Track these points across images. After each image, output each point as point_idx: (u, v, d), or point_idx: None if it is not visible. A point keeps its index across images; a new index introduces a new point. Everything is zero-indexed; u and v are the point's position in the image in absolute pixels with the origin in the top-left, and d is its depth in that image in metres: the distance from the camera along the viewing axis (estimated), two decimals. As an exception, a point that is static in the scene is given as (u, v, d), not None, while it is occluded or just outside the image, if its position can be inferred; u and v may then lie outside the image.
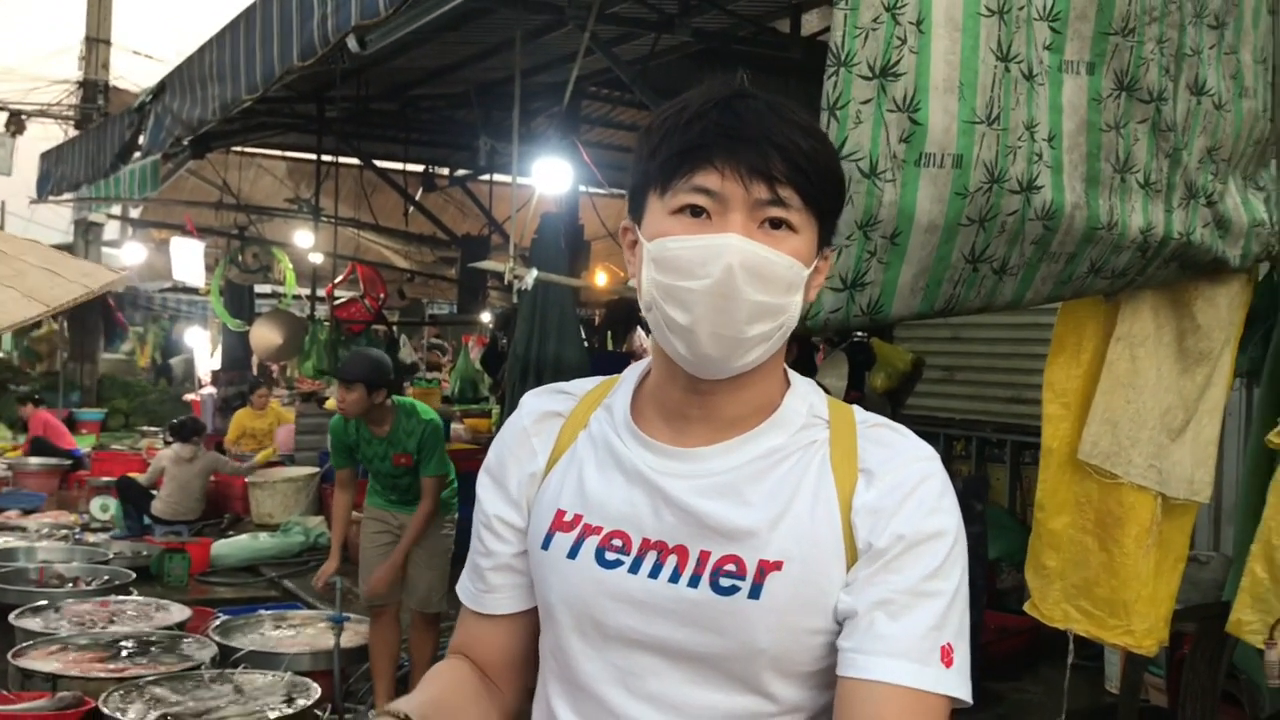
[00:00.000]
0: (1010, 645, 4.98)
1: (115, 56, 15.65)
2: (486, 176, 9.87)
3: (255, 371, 11.90)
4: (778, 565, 1.13)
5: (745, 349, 1.15)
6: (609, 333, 11.02)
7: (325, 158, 9.39)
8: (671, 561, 1.16)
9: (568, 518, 1.23)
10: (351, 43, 3.86)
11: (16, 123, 15.53)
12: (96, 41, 15.29)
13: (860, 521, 1.15)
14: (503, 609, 1.30)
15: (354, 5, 3.50)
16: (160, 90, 6.06)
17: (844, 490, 1.16)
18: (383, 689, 4.78)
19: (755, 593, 1.13)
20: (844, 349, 6.98)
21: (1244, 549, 2.90)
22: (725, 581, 1.14)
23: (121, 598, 5.43)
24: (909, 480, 1.16)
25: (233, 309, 10.45)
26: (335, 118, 8.70)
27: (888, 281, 2.09)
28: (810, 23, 6.97)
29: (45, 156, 8.88)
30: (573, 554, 1.20)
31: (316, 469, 8.54)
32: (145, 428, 11.82)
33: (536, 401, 1.33)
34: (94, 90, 15.18)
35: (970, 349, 7.12)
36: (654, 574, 1.17)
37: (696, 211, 1.14)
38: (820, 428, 1.21)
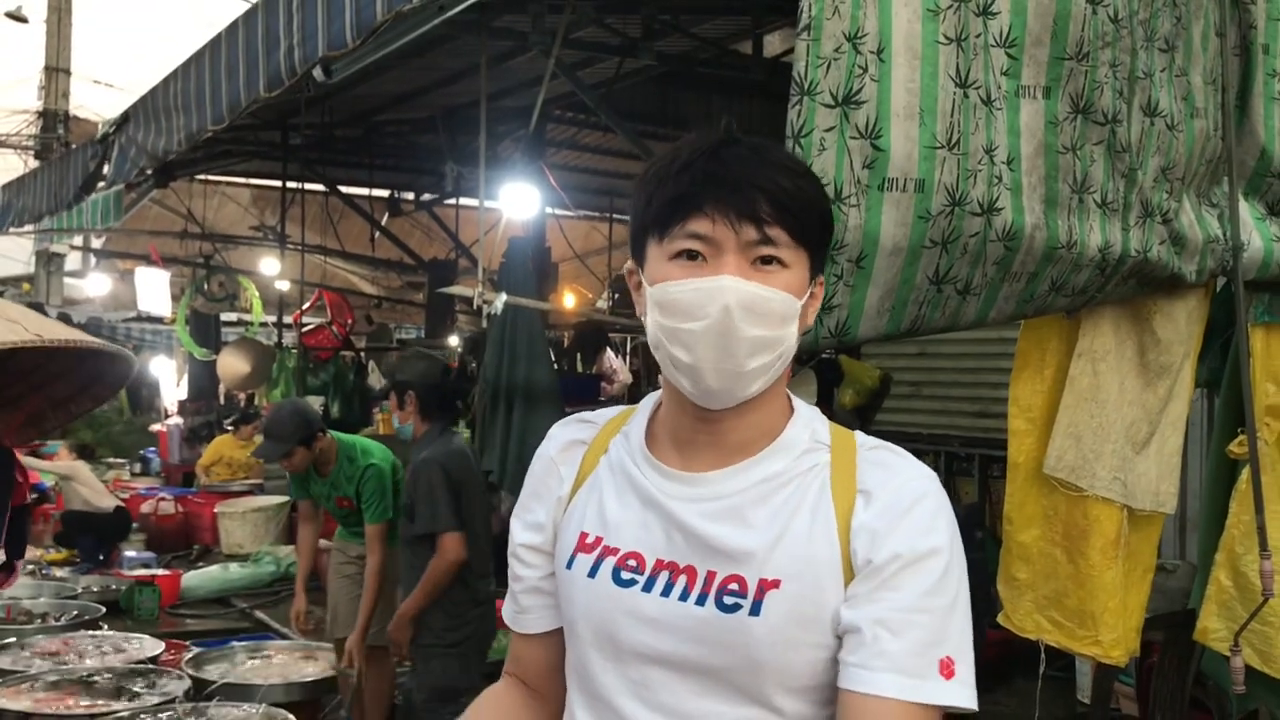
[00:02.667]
0: (983, 657, 5.03)
1: (75, 85, 15.56)
2: (453, 201, 9.89)
3: (223, 400, 11.82)
4: (776, 584, 1.20)
5: (747, 381, 1.22)
6: (578, 354, 11.04)
7: (290, 184, 9.38)
8: (682, 581, 1.24)
9: (589, 539, 1.31)
10: (318, 72, 3.89)
11: (-27, 153, 15.40)
12: (56, 71, 15.22)
13: (858, 540, 1.21)
14: (536, 628, 1.41)
15: (321, 36, 3.52)
16: (124, 120, 6.03)
17: (843, 511, 1.23)
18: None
19: (755, 610, 1.20)
20: (812, 366, 7.04)
21: (1208, 557, 2.96)
22: (729, 600, 1.21)
23: (92, 632, 5.37)
24: (905, 499, 1.22)
25: (199, 338, 10.38)
26: (300, 144, 8.71)
27: (854, 304, 2.12)
28: (772, 44, 7.07)
29: (6, 188, 8.81)
30: (592, 573, 1.29)
31: (287, 498, 8.50)
32: (111, 459, 11.71)
33: (563, 432, 1.43)
34: (54, 120, 15.09)
35: (937, 364, 7.20)
36: (666, 593, 1.24)
37: (692, 255, 1.22)
38: (822, 452, 1.28)
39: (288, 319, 10.26)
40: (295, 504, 5.51)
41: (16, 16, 15.86)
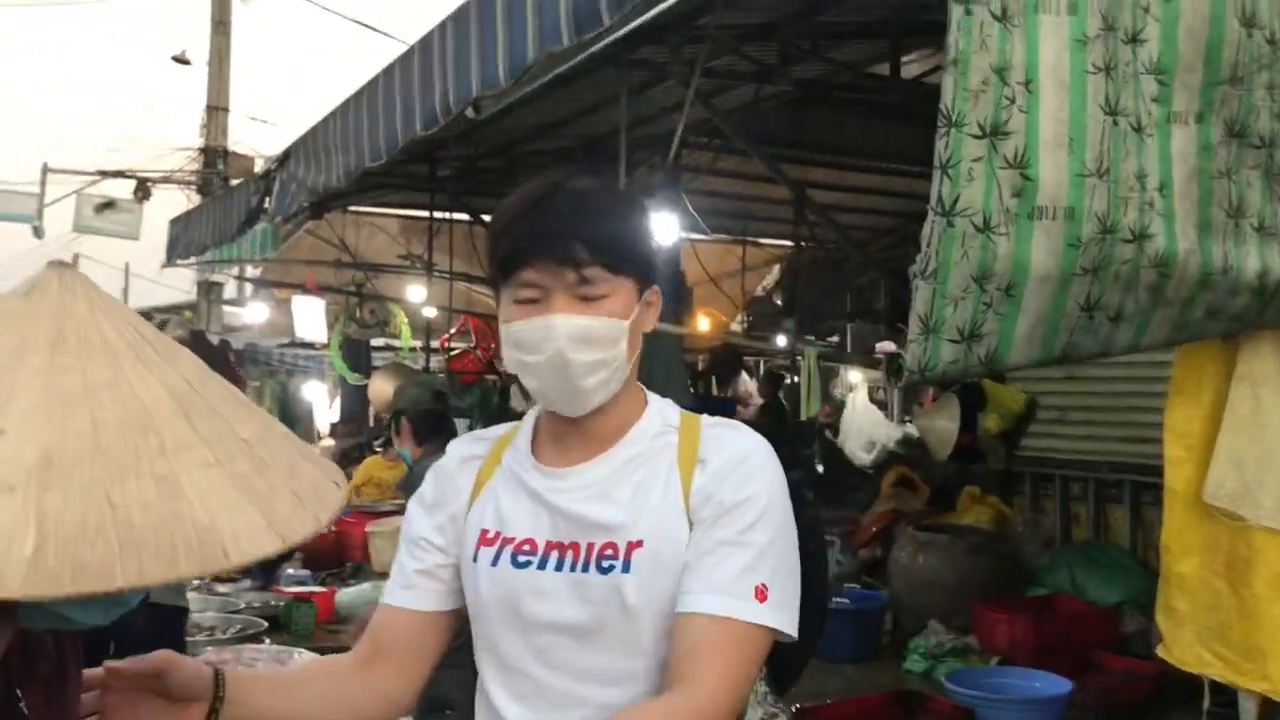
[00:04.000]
0: (1138, 691, 4.88)
1: (233, 122, 16.38)
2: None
3: (372, 423, 12.25)
4: (640, 543, 1.44)
5: (588, 395, 1.48)
6: (714, 377, 11.09)
7: (437, 214, 9.70)
8: (569, 555, 1.47)
9: (490, 535, 1.53)
10: (469, 110, 4.06)
11: (144, 189, 16.32)
12: (216, 110, 16.04)
13: (696, 499, 1.46)
14: (417, 605, 1.59)
15: (475, 78, 3.68)
16: (286, 158, 6.36)
17: (685, 477, 1.48)
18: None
19: (626, 568, 1.44)
20: (955, 391, 6.95)
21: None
22: (606, 563, 1.45)
23: (256, 646, 5.65)
24: (731, 461, 1.47)
25: (351, 363, 10.79)
26: (446, 176, 9.00)
27: (1004, 332, 2.13)
28: (910, 67, 7.02)
29: (174, 222, 9.34)
30: (495, 562, 1.51)
31: (433, 517, 8.75)
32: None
33: (458, 449, 1.67)
34: (214, 156, 15.90)
35: (1085, 388, 7.00)
36: (558, 567, 1.47)
37: (531, 300, 1.46)
38: (671, 434, 1.53)
39: (434, 344, 10.59)
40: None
41: (181, 60, 16.80)
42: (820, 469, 9.68)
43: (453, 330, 11.26)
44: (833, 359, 9.96)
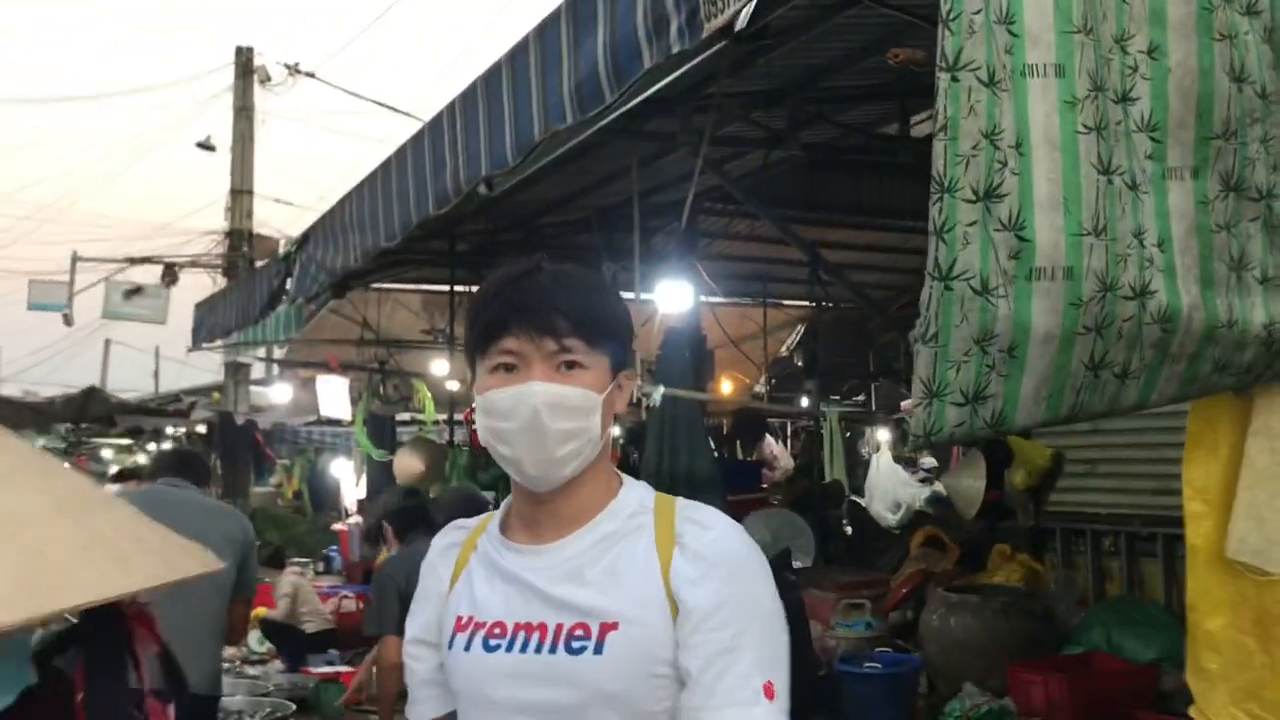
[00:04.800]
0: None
1: (257, 205, 16.65)
2: (610, 296, 10.12)
3: (398, 499, 12.26)
4: (614, 625, 1.44)
5: (561, 465, 1.48)
6: (738, 441, 11.06)
7: (457, 288, 9.80)
8: (535, 636, 1.48)
9: (464, 620, 1.55)
10: (481, 188, 4.12)
11: (171, 274, 16.58)
12: (240, 193, 16.34)
13: (676, 582, 1.45)
14: (427, 715, 1.62)
15: (484, 157, 3.74)
16: (304, 240, 6.46)
17: (664, 559, 1.47)
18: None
19: (599, 649, 1.43)
20: (981, 448, 6.89)
21: None
22: (576, 644, 1.45)
23: (284, 728, 5.63)
24: (713, 551, 1.46)
25: (376, 439, 10.84)
26: (465, 251, 9.11)
27: (1009, 393, 2.12)
28: (921, 126, 7.08)
29: (199, 306, 9.48)
30: (467, 647, 1.52)
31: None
32: (296, 559, 12.23)
33: (440, 540, 1.69)
34: (239, 238, 16.16)
35: (1112, 440, 6.93)
36: (524, 649, 1.47)
37: (509, 368, 1.49)
38: (647, 514, 1.53)
39: (458, 417, 10.63)
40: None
41: (206, 146, 17.16)
42: (848, 530, 9.61)
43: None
44: (856, 420, 9.92)
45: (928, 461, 10.60)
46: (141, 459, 16.64)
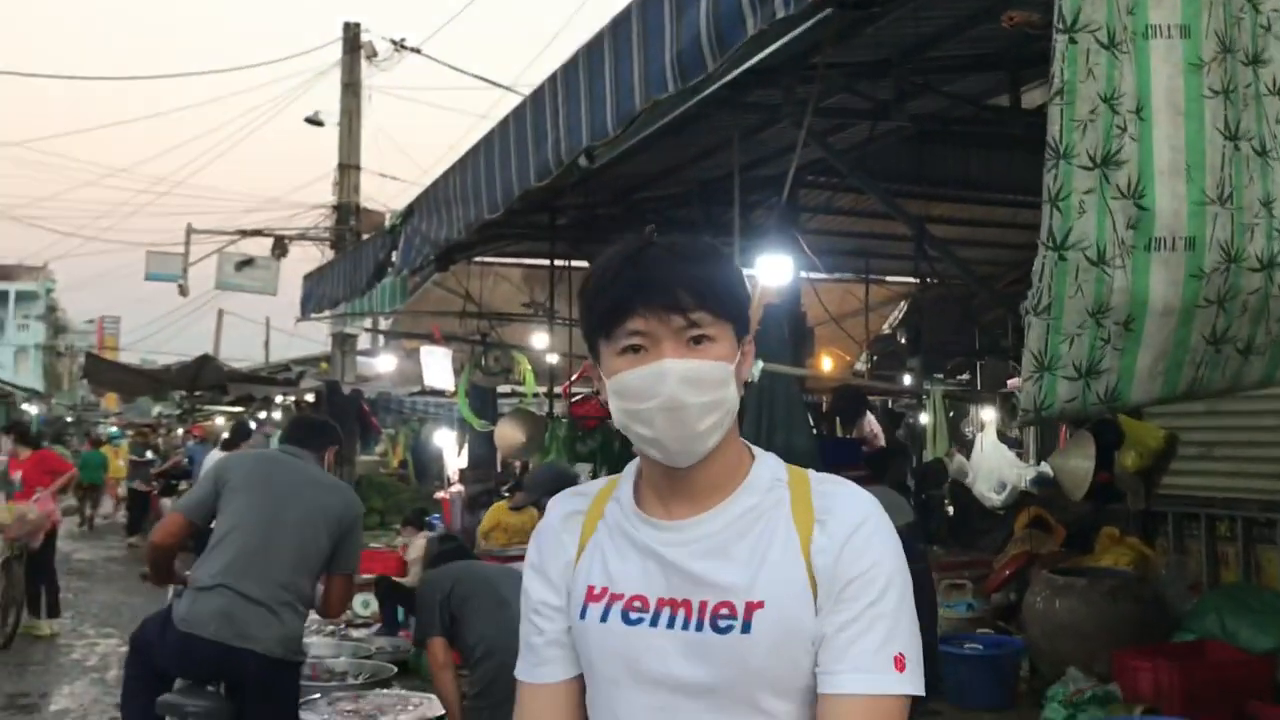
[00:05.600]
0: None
1: (364, 180, 16.95)
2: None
3: (499, 469, 12.44)
4: (760, 605, 1.42)
5: (703, 439, 1.46)
6: (837, 418, 10.94)
7: (557, 262, 9.86)
8: (681, 613, 1.46)
9: (596, 591, 1.52)
10: (582, 160, 4.11)
11: (280, 247, 17.00)
12: (348, 168, 16.64)
13: (818, 559, 1.44)
14: (554, 677, 1.57)
15: (585, 127, 3.73)
16: (409, 213, 6.55)
17: (804, 536, 1.45)
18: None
19: (746, 629, 1.42)
20: (1089, 429, 6.71)
21: None
22: (722, 623, 1.43)
23: (385, 690, 5.76)
24: (848, 524, 1.45)
25: (478, 410, 10.99)
26: (565, 225, 9.15)
27: (1124, 368, 2.05)
28: (1032, 96, 6.88)
29: (308, 278, 9.69)
30: (604, 618, 1.50)
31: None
32: (399, 526, 12.50)
33: (561, 505, 1.64)
34: (346, 212, 16.47)
35: (1230, 422, 6.68)
36: (670, 625, 1.46)
37: (636, 349, 1.46)
38: (782, 488, 1.51)
39: (557, 390, 10.72)
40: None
41: (315, 121, 17.50)
42: (950, 511, 9.45)
43: (575, 376, 11.37)
44: (960, 398, 9.72)
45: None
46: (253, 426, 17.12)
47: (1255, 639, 5.40)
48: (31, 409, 35.28)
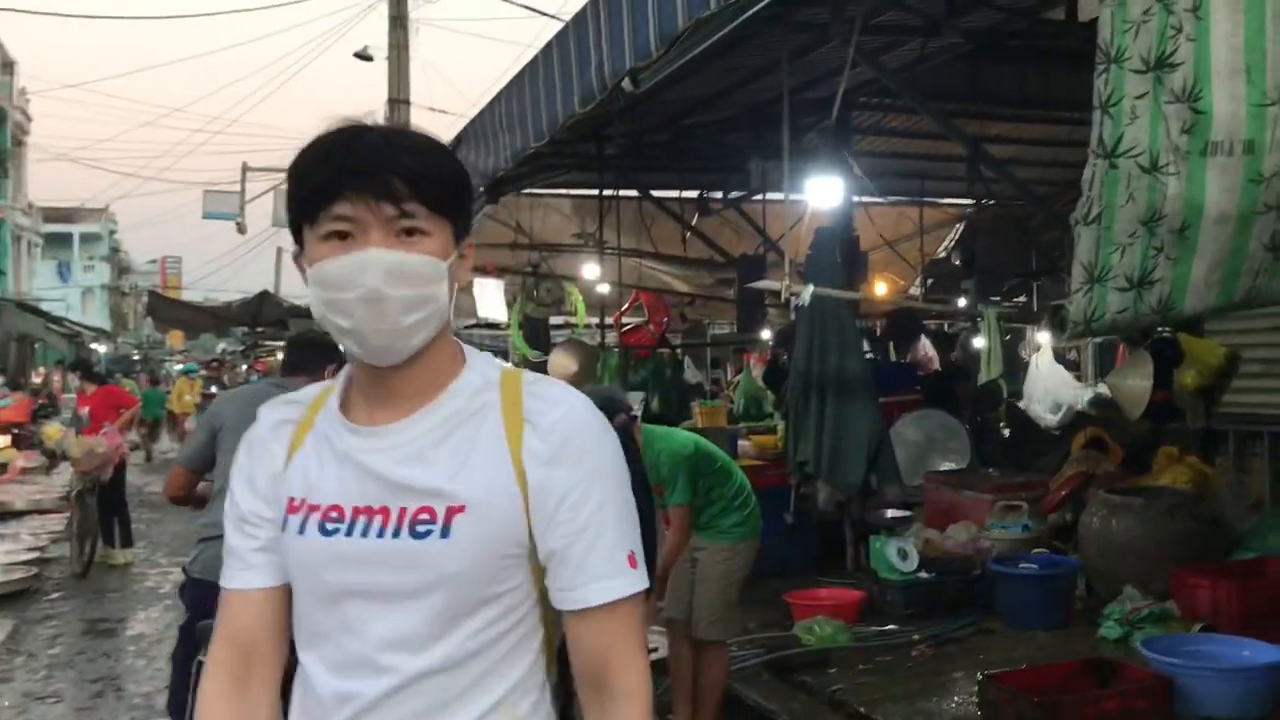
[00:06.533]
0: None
1: (413, 114, 16.93)
2: (759, 197, 10.00)
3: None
4: (461, 509, 1.39)
5: (406, 336, 1.40)
6: (891, 343, 10.86)
7: (606, 192, 9.82)
8: (377, 521, 1.42)
9: (296, 503, 1.48)
10: (626, 84, 4.08)
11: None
12: (397, 102, 16.63)
13: (530, 464, 1.41)
14: (257, 583, 1.53)
15: (628, 49, 3.70)
16: (457, 144, 6.56)
17: (513, 439, 1.43)
18: (679, 705, 4.93)
19: (445, 533, 1.39)
20: (1147, 347, 6.60)
21: None
22: (421, 528, 1.40)
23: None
24: (564, 426, 1.43)
25: (530, 341, 11.07)
26: (613, 154, 9.10)
27: (1178, 277, 2.02)
28: (1088, 7, 6.67)
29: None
30: (302, 530, 1.46)
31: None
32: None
33: (270, 413, 1.59)
34: (398, 148, 16.51)
35: (1294, 338, 6.55)
36: (365, 534, 1.42)
37: (342, 235, 1.38)
38: (493, 391, 1.46)
39: (609, 320, 10.74)
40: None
41: (363, 56, 17.49)
42: (1006, 432, 9.39)
43: (625, 306, 11.38)
44: (1015, 319, 9.61)
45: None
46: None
47: (1317, 557, 5.34)
48: (99, 348, 36.12)
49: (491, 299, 11.35)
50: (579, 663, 1.46)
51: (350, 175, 1.37)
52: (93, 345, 35.29)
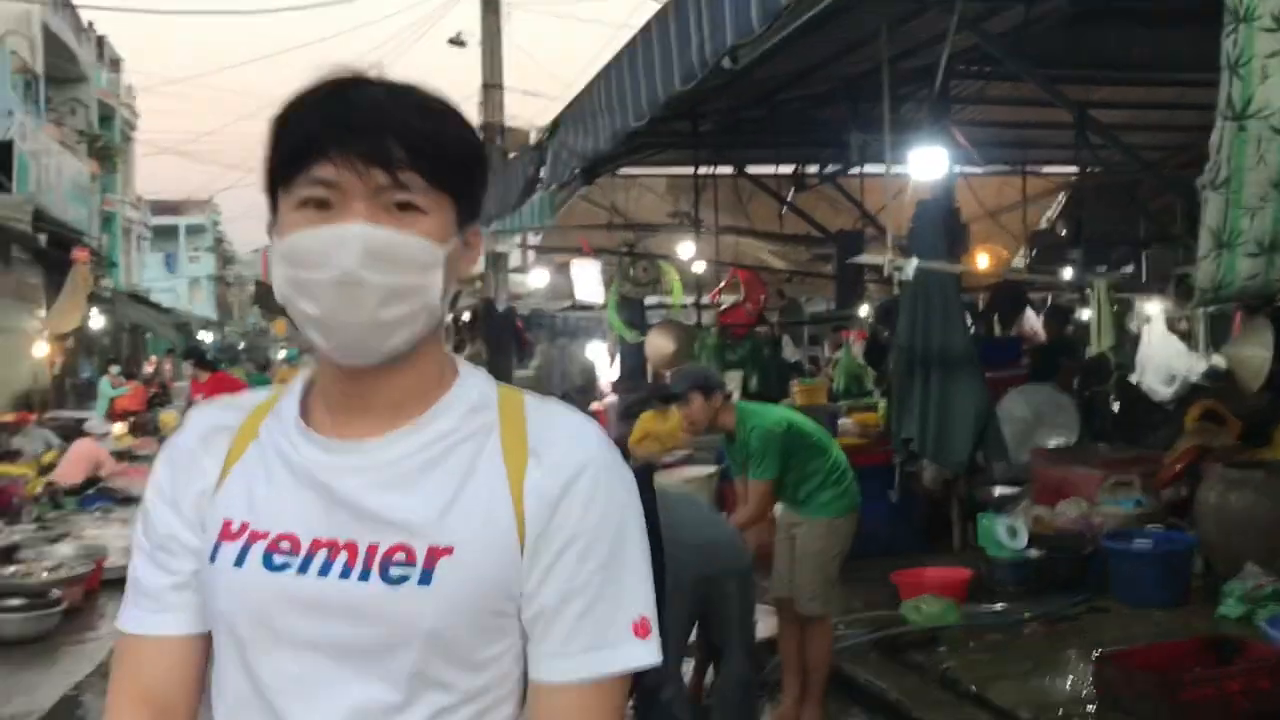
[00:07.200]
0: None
1: (507, 98, 17.08)
2: (857, 170, 9.89)
3: (650, 379, 12.62)
4: (449, 551, 1.13)
5: (384, 334, 1.14)
6: (995, 316, 10.67)
7: (701, 170, 9.81)
8: (341, 558, 1.14)
9: (234, 527, 1.19)
10: (726, 61, 4.07)
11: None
12: (491, 87, 16.79)
13: (530, 502, 1.15)
14: (180, 628, 1.24)
15: (729, 27, 3.69)
16: (556, 127, 6.61)
17: (515, 471, 1.16)
18: (789, 681, 4.95)
19: (425, 579, 1.12)
20: (1267, 315, 6.38)
21: None
22: (395, 571, 1.13)
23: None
24: (573, 461, 1.16)
25: (627, 321, 11.14)
26: (708, 131, 9.08)
27: (1312, 242, 1.95)
28: (1200, -35, 6.43)
29: (459, 198, 9.90)
30: (239, 561, 1.17)
31: (715, 467, 8.92)
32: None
33: (202, 418, 1.30)
34: (493, 131, 16.66)
35: None
36: (324, 572, 1.14)
37: (321, 204, 1.13)
38: (490, 411, 1.21)
39: (705, 299, 10.74)
40: (723, 474, 5.76)
41: (457, 42, 17.66)
42: (1116, 406, 9.16)
43: (722, 284, 11.37)
44: (1126, 289, 9.35)
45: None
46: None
47: None
48: (207, 336, 37.32)
49: (588, 280, 11.46)
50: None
51: (336, 131, 1.12)
52: (201, 334, 36.49)
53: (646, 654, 1.16)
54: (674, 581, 4.76)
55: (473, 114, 14.64)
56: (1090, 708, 4.39)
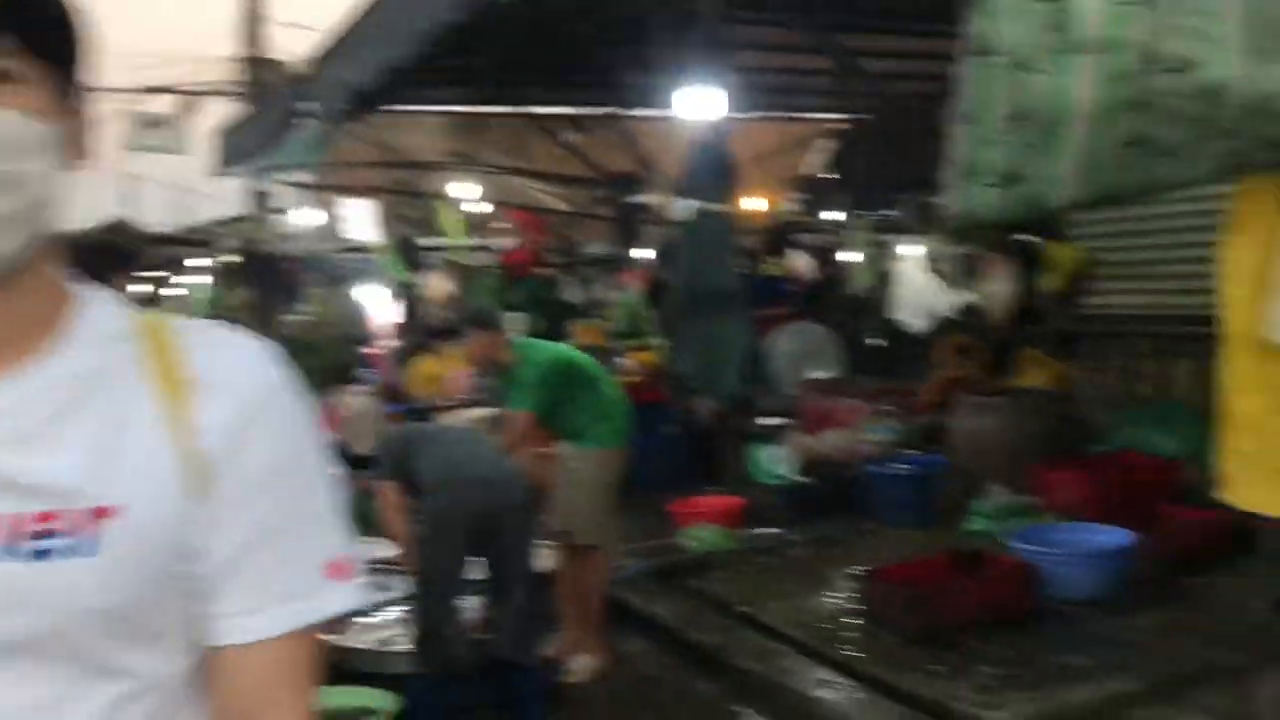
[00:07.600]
0: (1203, 539, 4.91)
1: (275, 31, 16.27)
2: (637, 112, 9.94)
3: (429, 321, 12.40)
4: (112, 512, 0.92)
5: None
6: (765, 258, 11.02)
7: (481, 109, 9.64)
8: None
9: None
10: (497, -9, 3.99)
11: (186, 104, 16.35)
12: (255, 18, 15.95)
13: (205, 441, 0.96)
14: None
15: (500, -45, 3.61)
16: (322, 59, 6.33)
17: (175, 408, 0.96)
18: (567, 612, 5.02)
19: (92, 549, 0.91)
20: (1010, 252, 6.84)
21: None
22: (44, 544, 0.90)
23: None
24: (251, 394, 0.99)
25: (405, 263, 10.88)
26: (486, 68, 8.89)
27: (1047, 173, 2.09)
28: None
29: (221, 133, 9.39)
30: None
31: (499, 409, 8.88)
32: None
33: None
34: (257, 65, 15.85)
35: (1148, 241, 6.86)
36: None
37: None
38: (131, 341, 0.99)
39: (484, 240, 10.61)
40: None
41: (215, -31, 16.66)
42: (878, 342, 9.66)
43: (500, 226, 11.26)
44: (886, 231, 9.84)
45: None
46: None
47: (1167, 447, 5.68)
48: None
49: (362, 221, 11.11)
50: (219, 703, 1.00)
51: None
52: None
53: (347, 598, 1.02)
54: (453, 516, 4.72)
55: (234, 47, 13.76)
56: (854, 621, 4.66)
